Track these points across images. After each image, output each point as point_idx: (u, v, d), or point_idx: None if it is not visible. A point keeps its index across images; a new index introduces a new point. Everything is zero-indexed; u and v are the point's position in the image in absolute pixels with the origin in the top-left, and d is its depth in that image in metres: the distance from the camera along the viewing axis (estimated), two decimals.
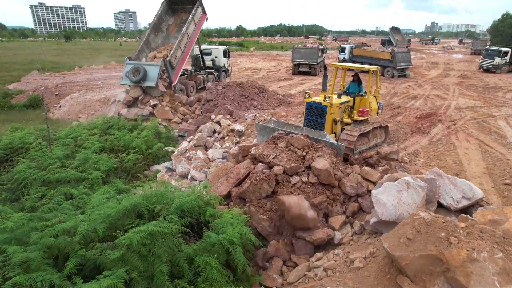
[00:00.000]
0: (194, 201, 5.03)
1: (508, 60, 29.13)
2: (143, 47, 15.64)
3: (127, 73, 13.87)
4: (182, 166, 8.56)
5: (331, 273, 4.65)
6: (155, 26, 16.35)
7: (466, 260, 3.33)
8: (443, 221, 3.76)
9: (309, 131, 7.14)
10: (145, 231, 4.05)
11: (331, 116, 7.86)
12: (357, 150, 7.86)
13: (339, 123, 8.15)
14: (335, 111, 7.98)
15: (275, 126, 7.72)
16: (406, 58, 27.29)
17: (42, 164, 7.53)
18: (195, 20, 15.67)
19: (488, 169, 8.11)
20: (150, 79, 13.68)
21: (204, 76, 18.33)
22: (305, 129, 7.31)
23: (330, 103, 7.65)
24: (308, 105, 8.05)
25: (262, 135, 7.94)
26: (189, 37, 15.53)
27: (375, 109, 9.05)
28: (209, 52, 20.14)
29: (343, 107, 8.32)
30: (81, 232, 4.22)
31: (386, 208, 4.91)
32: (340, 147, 6.65)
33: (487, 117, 13.00)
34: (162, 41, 16.71)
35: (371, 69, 8.77)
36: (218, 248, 4.53)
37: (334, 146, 6.67)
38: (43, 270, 3.74)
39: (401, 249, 3.73)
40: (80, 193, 6.37)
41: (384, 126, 9.24)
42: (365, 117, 8.65)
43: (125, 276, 3.66)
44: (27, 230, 4.34)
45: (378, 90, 9.26)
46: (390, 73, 26.37)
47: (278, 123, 7.89)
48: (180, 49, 14.91)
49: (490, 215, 4.45)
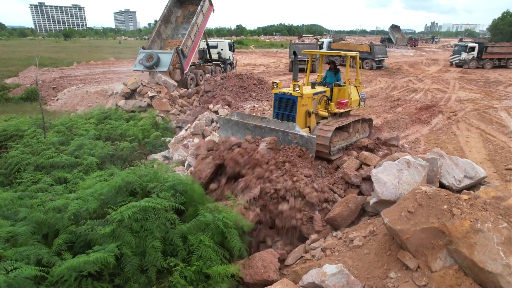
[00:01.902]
0: (187, 182, 4.91)
1: (475, 56, 29.11)
2: (155, 38, 16.45)
3: (140, 60, 14.96)
4: (179, 154, 8.44)
5: (329, 252, 4.53)
6: (165, 18, 17.07)
7: (469, 231, 3.20)
8: (445, 193, 3.64)
9: (276, 123, 6.33)
10: (137, 207, 3.91)
11: (303, 109, 6.77)
12: (335, 147, 6.89)
13: (313, 115, 7.03)
14: (308, 103, 6.88)
15: (238, 118, 6.86)
16: (383, 51, 29.24)
17: (36, 150, 7.39)
18: (203, 11, 16.55)
19: (489, 156, 7.99)
20: (163, 65, 14.73)
21: (212, 67, 19.17)
22: (272, 120, 6.48)
23: (301, 93, 6.52)
24: (276, 96, 6.92)
25: (225, 129, 7.12)
26: (198, 27, 16.42)
27: (356, 100, 8.04)
28: (215, 45, 21.12)
29: (317, 98, 7.25)
30: (72, 210, 4.08)
31: (386, 187, 4.78)
32: (311, 140, 5.84)
33: (488, 109, 12.88)
34: (171, 32, 17.48)
35: (348, 54, 7.77)
36: (212, 227, 4.40)
37: (304, 139, 5.88)
38: (31, 245, 3.61)
39: (402, 223, 3.61)
40: (74, 177, 6.23)
41: (367, 119, 8.27)
42: (345, 110, 7.63)
43: (116, 251, 3.53)
44: (16, 207, 4.21)
45: (359, 79, 8.25)
46: (369, 64, 27.81)
47: (242, 115, 7.02)
48: (190, 39, 15.82)
49: (493, 192, 4.32)
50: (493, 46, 30.25)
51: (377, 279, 3.70)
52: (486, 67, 28.79)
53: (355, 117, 7.82)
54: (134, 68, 15.65)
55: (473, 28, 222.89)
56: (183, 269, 3.90)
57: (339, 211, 5.16)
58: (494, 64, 28.94)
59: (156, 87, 14.20)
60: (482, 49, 28.79)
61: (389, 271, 3.69)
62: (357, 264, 4.01)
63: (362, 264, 3.97)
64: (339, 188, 5.94)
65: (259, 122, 6.54)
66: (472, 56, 29.01)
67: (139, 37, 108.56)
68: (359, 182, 5.89)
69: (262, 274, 4.49)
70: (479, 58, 29.04)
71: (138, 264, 3.76)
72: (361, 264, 3.98)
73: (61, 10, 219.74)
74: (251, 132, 6.60)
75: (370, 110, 12.54)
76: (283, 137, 6.12)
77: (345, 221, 5.19)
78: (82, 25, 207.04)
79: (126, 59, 33.61)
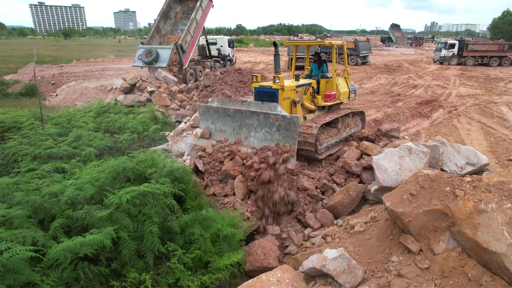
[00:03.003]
0: (185, 168, 4.85)
1: (456, 53, 29.35)
2: (154, 33, 16.43)
3: (139, 56, 14.92)
4: (178, 146, 8.39)
5: (330, 239, 4.47)
6: (164, 13, 17.02)
7: (473, 212, 3.14)
8: (448, 176, 3.58)
9: (257, 105, 5.88)
10: (136, 191, 3.85)
11: (286, 102, 6.33)
12: (322, 145, 6.45)
13: (299, 105, 6.53)
14: (291, 96, 6.41)
15: (218, 104, 6.34)
16: (367, 47, 30.36)
17: (34, 140, 7.32)
18: (202, 6, 16.47)
19: (491, 147, 7.93)
20: (162, 60, 14.68)
21: (212, 63, 19.11)
22: (253, 103, 6.04)
23: (282, 86, 6.08)
24: (256, 91, 6.45)
25: (205, 119, 6.55)
26: (197, 22, 16.32)
27: (346, 92, 7.60)
28: (215, 42, 21.13)
29: (301, 91, 6.72)
30: (69, 195, 4.02)
31: (387, 174, 4.72)
32: (294, 121, 5.33)
33: (489, 103, 12.82)
34: (171, 28, 17.39)
35: (334, 43, 7.27)
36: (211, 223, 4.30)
37: (286, 119, 5.41)
38: (27, 228, 3.54)
39: (404, 206, 3.55)
40: (72, 167, 6.17)
41: (358, 112, 7.86)
42: (333, 102, 7.26)
43: (112, 234, 3.47)
44: (11, 192, 4.14)
45: (348, 70, 7.81)
46: (354, 60, 28.67)
47: (222, 101, 6.46)
48: (189, 34, 15.75)
49: (496, 177, 4.24)
50: (474, 43, 30.48)
51: (378, 263, 3.64)
52: (468, 64, 28.95)
53: (345, 110, 7.44)
54: (133, 64, 15.56)
55: (473, 28, 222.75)
56: (181, 255, 3.84)
57: (339, 199, 5.10)
58: (477, 61, 28.97)
59: (156, 82, 14.15)
60: (463, 47, 29.15)
61: (391, 255, 3.63)
62: (358, 249, 3.95)
63: (363, 249, 3.91)
64: (340, 178, 5.90)
65: (240, 106, 6.08)
66: (453, 53, 29.35)
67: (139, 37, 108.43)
68: (359, 171, 5.83)
69: (262, 261, 4.43)
70: (460, 55, 29.35)
71: (135, 248, 3.69)
72: (362, 249, 3.92)
73: (61, 10, 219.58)
74: (231, 118, 6.16)
75: (370, 105, 12.48)
76: (265, 120, 5.69)
77: (346, 209, 5.13)
78: (82, 25, 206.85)
79: (125, 56, 33.56)
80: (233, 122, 6.16)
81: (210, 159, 6.00)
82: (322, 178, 5.80)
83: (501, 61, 28.58)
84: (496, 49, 28.79)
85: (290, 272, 3.83)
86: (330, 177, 5.85)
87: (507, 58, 28.60)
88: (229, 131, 6.24)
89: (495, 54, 28.58)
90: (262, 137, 5.79)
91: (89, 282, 3.39)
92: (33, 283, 3.11)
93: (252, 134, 5.95)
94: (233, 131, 6.19)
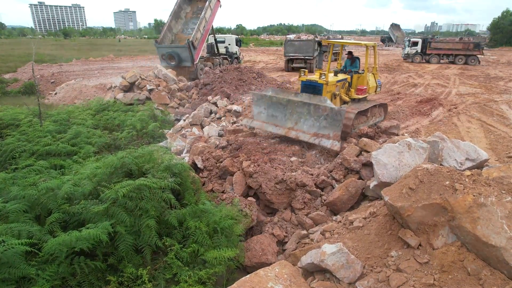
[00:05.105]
0: (182, 164, 4.82)
1: (419, 50, 30.09)
2: (166, 32, 17.58)
3: (163, 56, 16.68)
4: (177, 144, 8.35)
5: (329, 235, 4.44)
6: (175, 14, 18.18)
7: (472, 205, 3.11)
8: (447, 170, 3.55)
9: (308, 97, 6.89)
10: (132, 185, 3.83)
11: (328, 94, 7.54)
12: (355, 129, 7.57)
13: (338, 97, 7.93)
14: (332, 90, 7.70)
15: (273, 94, 7.33)
16: None
17: (32, 137, 7.29)
18: (211, 6, 17.79)
19: (491, 145, 7.90)
20: (186, 60, 16.49)
21: (220, 60, 20.17)
22: (304, 95, 7.05)
23: (326, 81, 7.34)
24: (303, 84, 7.65)
25: (258, 105, 7.52)
26: (207, 21, 17.58)
27: (374, 87, 8.84)
28: (223, 40, 22.46)
29: (340, 85, 8.02)
30: (66, 190, 3.99)
31: (386, 169, 4.69)
32: (340, 112, 6.32)
33: (489, 102, 12.79)
34: (181, 27, 18.62)
35: (368, 44, 8.47)
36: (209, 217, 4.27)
37: (334, 111, 6.38)
38: (23, 222, 3.51)
39: (403, 200, 3.52)
40: (70, 164, 6.14)
41: (383, 104, 9.00)
42: (363, 95, 8.42)
43: (109, 228, 3.44)
44: (8, 186, 4.11)
45: (376, 67, 9.02)
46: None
47: (276, 91, 7.48)
48: (199, 32, 16.90)
49: (496, 172, 4.23)
50: (436, 41, 30.84)
51: (377, 258, 3.61)
52: (432, 61, 29.55)
53: (373, 102, 8.51)
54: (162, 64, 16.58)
55: (473, 28, 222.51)
56: (178, 250, 3.81)
57: (338, 195, 5.07)
58: (441, 59, 29.47)
59: (155, 80, 14.11)
60: (426, 44, 29.89)
61: (390, 250, 3.60)
62: (357, 244, 3.92)
63: (362, 244, 3.88)
64: (339, 174, 5.86)
65: (293, 97, 7.01)
66: (416, 50, 30.23)
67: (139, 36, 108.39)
68: (359, 168, 5.79)
69: (260, 257, 4.40)
70: (423, 53, 30.07)
71: (132, 243, 3.66)
72: (361, 244, 3.89)
73: (61, 9, 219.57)
74: (283, 106, 7.06)
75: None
76: (314, 110, 6.59)
77: (345, 205, 5.10)
78: (82, 25, 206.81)
79: (125, 56, 33.51)
80: (285, 110, 7.08)
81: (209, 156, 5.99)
82: (321, 174, 5.77)
83: (467, 60, 28.75)
84: (461, 47, 29.03)
85: (288, 267, 3.80)
86: (329, 174, 5.81)
87: (473, 57, 28.62)
88: (281, 116, 7.20)
89: (460, 52, 28.90)
90: (311, 123, 6.74)
91: (85, 277, 3.36)
92: (28, 277, 3.08)
93: (302, 121, 6.88)
94: (284, 117, 7.14)
